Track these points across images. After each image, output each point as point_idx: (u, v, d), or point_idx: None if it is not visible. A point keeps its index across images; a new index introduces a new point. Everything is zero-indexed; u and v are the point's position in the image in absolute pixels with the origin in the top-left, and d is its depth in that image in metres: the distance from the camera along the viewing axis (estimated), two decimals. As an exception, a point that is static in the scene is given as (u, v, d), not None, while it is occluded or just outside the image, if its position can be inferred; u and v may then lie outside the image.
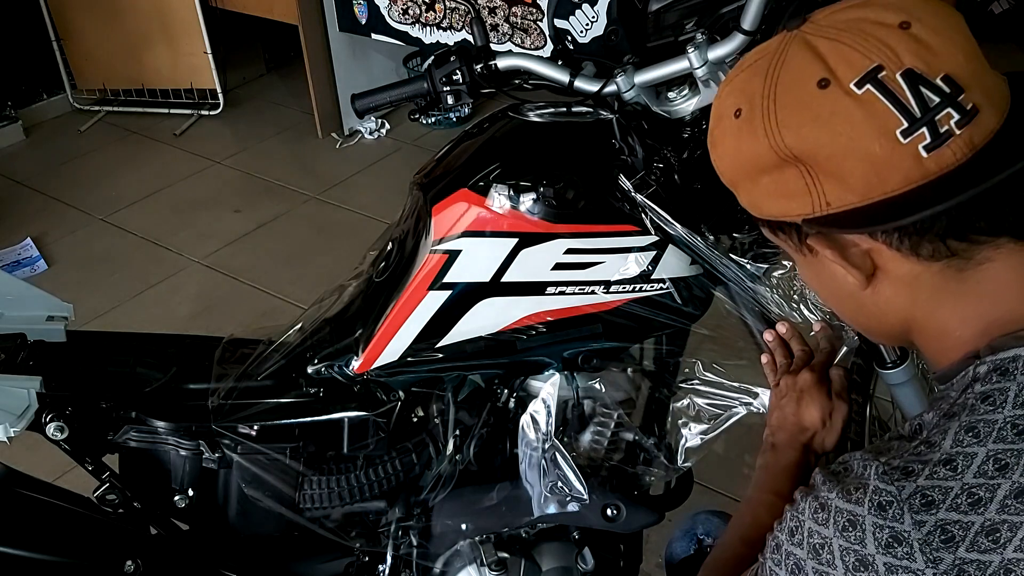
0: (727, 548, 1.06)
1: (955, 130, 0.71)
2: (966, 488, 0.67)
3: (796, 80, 0.75)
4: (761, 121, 0.76)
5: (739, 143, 0.79)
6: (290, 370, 1.36)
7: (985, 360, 0.73)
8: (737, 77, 0.81)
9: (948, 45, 0.73)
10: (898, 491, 0.69)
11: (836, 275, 0.80)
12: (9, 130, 4.04)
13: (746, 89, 0.78)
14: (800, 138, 0.74)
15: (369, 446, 1.35)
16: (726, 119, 0.81)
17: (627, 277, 1.20)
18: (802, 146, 0.74)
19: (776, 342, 1.21)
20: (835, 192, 0.74)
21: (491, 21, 3.27)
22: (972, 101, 0.71)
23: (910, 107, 0.71)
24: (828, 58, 0.73)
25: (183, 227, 3.44)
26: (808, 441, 1.11)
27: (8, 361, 1.26)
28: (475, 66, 1.24)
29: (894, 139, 0.71)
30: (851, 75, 0.72)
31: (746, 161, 0.80)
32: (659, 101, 1.23)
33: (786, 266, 1.20)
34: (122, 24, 4.02)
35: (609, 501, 1.32)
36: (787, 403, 1.13)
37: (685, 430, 1.29)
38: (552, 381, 1.31)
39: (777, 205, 0.79)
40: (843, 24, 0.75)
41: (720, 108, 0.82)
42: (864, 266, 0.78)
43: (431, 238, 1.22)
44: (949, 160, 0.71)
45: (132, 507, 1.33)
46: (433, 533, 1.39)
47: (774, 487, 1.07)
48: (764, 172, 0.78)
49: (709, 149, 0.86)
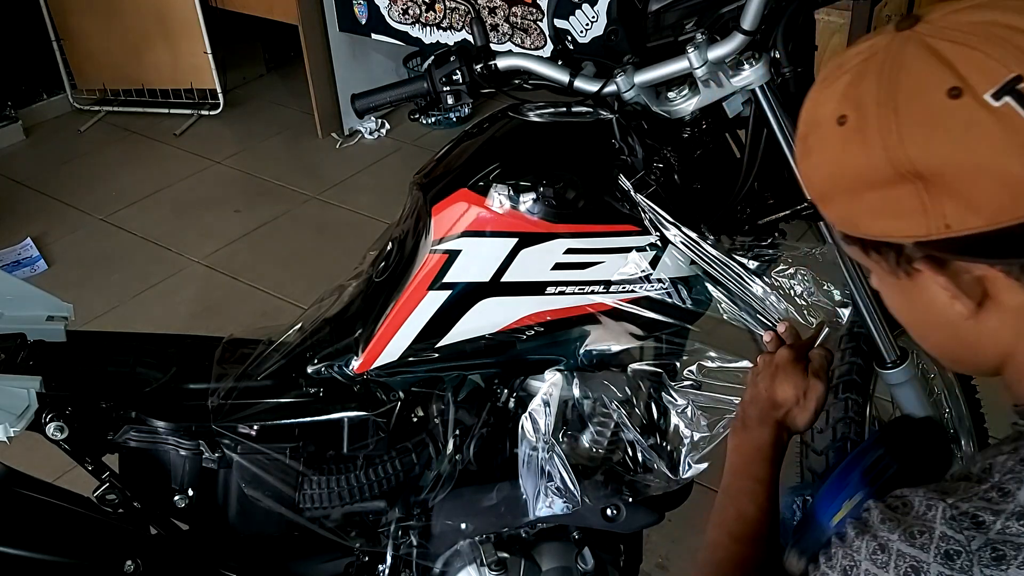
0: (719, 548, 1.02)
1: None
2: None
3: (921, 87, 0.67)
4: (877, 132, 0.68)
5: (843, 154, 0.72)
6: (290, 370, 1.36)
7: None
8: (839, 79, 0.73)
9: None
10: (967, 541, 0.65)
11: (935, 302, 0.73)
12: (9, 130, 4.04)
13: (853, 94, 0.71)
14: (928, 153, 0.67)
15: (369, 446, 1.35)
16: (825, 126, 0.73)
17: (627, 277, 1.20)
18: (929, 162, 0.67)
19: (775, 343, 1.21)
20: (957, 214, 0.67)
21: (491, 21, 3.27)
22: None
23: None
24: (957, 64, 0.66)
25: (183, 227, 3.44)
26: (781, 418, 1.07)
27: (8, 361, 1.26)
28: (475, 66, 1.24)
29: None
30: (986, 85, 0.65)
31: (850, 174, 0.72)
32: (659, 101, 1.24)
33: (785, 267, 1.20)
34: (122, 24, 4.02)
35: (609, 501, 1.32)
36: (761, 379, 1.10)
37: (685, 434, 1.28)
38: (552, 381, 1.31)
39: (881, 224, 0.72)
40: (969, 27, 0.68)
41: (816, 114, 0.75)
42: (974, 294, 0.71)
43: (431, 238, 1.22)
44: None
45: (132, 507, 1.33)
46: (433, 533, 1.39)
47: (751, 471, 1.04)
48: (871, 187, 0.70)
49: (798, 156, 0.79)
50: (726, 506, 1.04)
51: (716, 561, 1.01)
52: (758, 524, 1.01)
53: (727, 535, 1.02)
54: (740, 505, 1.02)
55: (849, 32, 2.75)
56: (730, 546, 1.01)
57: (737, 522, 1.02)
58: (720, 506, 1.05)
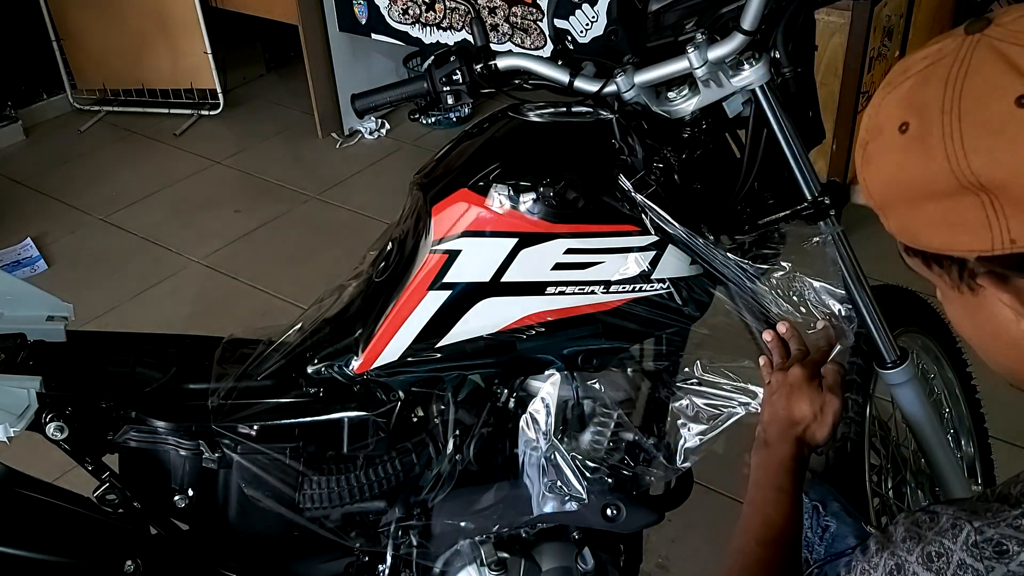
0: (746, 554, 1.04)
1: None
2: None
3: (987, 94, 0.64)
4: (940, 140, 0.66)
5: (904, 162, 0.69)
6: (290, 370, 1.36)
7: None
8: (902, 84, 0.70)
9: None
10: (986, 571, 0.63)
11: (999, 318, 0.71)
12: (9, 130, 4.04)
13: (916, 100, 0.68)
14: (993, 164, 0.64)
15: (369, 446, 1.35)
16: (887, 133, 0.70)
17: (627, 277, 1.20)
18: (993, 173, 0.64)
19: (775, 342, 1.21)
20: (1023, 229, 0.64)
21: (491, 21, 3.27)
22: None
23: None
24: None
25: (183, 227, 3.44)
26: (800, 435, 1.10)
27: (8, 361, 1.26)
28: (475, 66, 1.24)
29: None
30: None
31: (911, 184, 0.69)
32: (659, 101, 1.23)
33: (785, 267, 1.20)
34: (122, 24, 4.02)
35: (609, 501, 1.32)
36: (778, 398, 1.13)
37: (684, 430, 1.28)
38: (552, 381, 1.31)
39: (943, 237, 0.69)
40: None
41: (878, 120, 0.72)
42: None
43: (431, 238, 1.22)
44: None
45: (132, 507, 1.33)
46: (433, 533, 1.39)
47: (775, 483, 1.07)
48: (933, 198, 0.68)
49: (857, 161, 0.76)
50: (752, 515, 1.07)
51: (743, 566, 1.03)
52: (783, 530, 1.04)
53: (753, 540, 1.04)
54: (765, 513, 1.05)
55: (849, 32, 2.75)
56: (756, 550, 1.03)
57: (763, 528, 1.04)
58: (746, 515, 1.07)
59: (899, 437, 1.60)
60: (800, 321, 1.21)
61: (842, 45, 2.77)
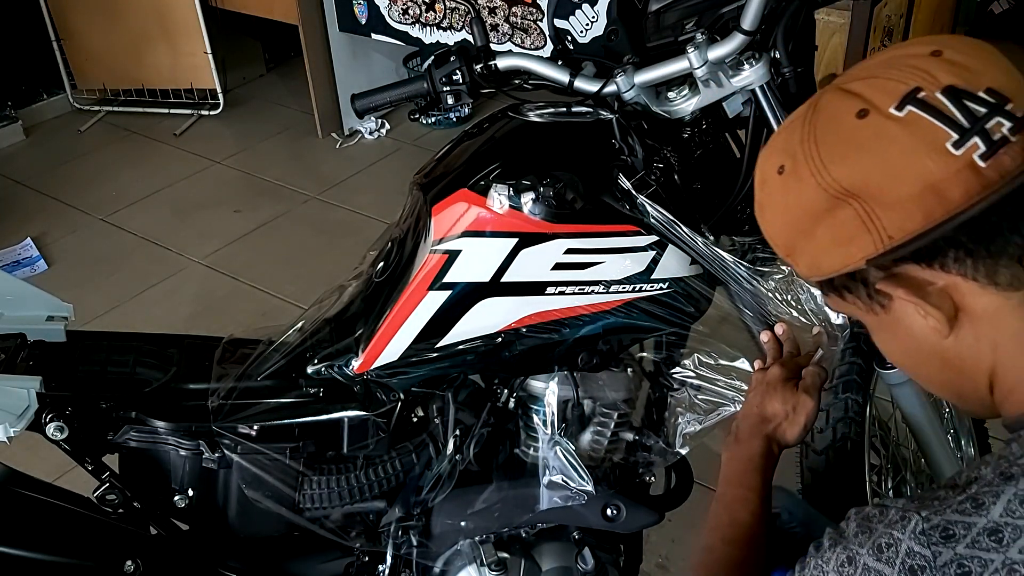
0: (712, 551, 1.06)
1: (1010, 137, 0.68)
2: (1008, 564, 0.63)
3: (834, 118, 0.74)
4: (806, 165, 0.74)
5: (786, 198, 0.77)
6: (290, 370, 1.36)
7: None
8: (775, 140, 0.81)
9: (984, 64, 0.71)
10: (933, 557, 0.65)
11: (914, 328, 0.75)
12: (9, 130, 4.04)
13: (786, 146, 0.77)
14: (848, 169, 0.72)
15: (369, 446, 1.35)
16: (770, 181, 0.79)
17: (627, 277, 1.20)
18: (851, 178, 0.71)
19: (771, 343, 1.22)
20: (895, 222, 0.70)
21: (491, 21, 3.27)
22: (1022, 109, 0.69)
23: (956, 119, 0.68)
24: (863, 93, 0.72)
25: (183, 227, 3.44)
26: (771, 432, 1.11)
27: (8, 361, 1.26)
28: (475, 66, 1.24)
29: (946, 152, 0.68)
30: (889, 101, 0.70)
31: (797, 214, 0.77)
32: (659, 101, 1.24)
33: (784, 270, 1.20)
34: (122, 24, 4.02)
35: (609, 501, 1.32)
36: (753, 395, 1.15)
37: (682, 418, 1.31)
38: (552, 381, 1.31)
39: (837, 255, 0.75)
40: (874, 66, 0.75)
41: (762, 173, 0.81)
42: (944, 306, 0.73)
43: (431, 238, 1.22)
44: (1009, 167, 0.67)
45: (132, 507, 1.33)
46: (433, 533, 1.39)
47: (743, 481, 1.08)
48: (817, 220, 0.75)
49: (758, 218, 0.84)
50: (720, 513, 1.08)
51: (710, 563, 1.05)
52: (750, 529, 1.05)
53: (720, 539, 1.05)
54: (733, 512, 1.06)
55: (849, 32, 2.75)
56: (723, 549, 1.04)
57: (731, 527, 1.05)
58: (714, 513, 1.09)
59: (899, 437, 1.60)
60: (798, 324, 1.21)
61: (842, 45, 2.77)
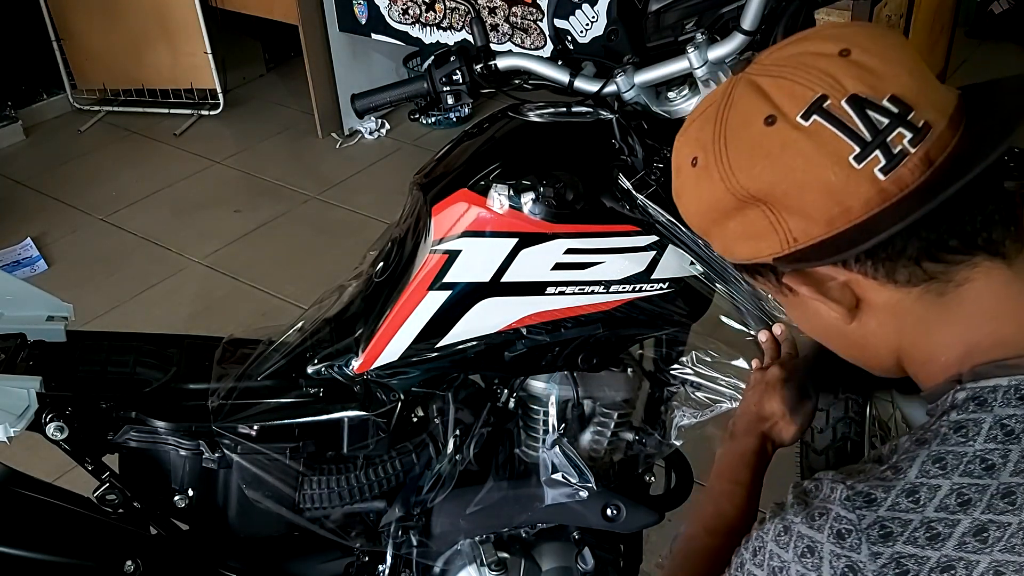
0: (693, 539, 1.07)
1: (909, 149, 0.70)
2: (926, 522, 0.67)
3: (743, 121, 0.75)
4: (716, 167, 0.76)
5: (699, 191, 0.79)
6: (290, 370, 1.36)
7: (965, 386, 0.72)
8: (690, 127, 0.81)
9: (891, 66, 0.72)
10: (858, 520, 0.68)
11: (820, 312, 0.79)
12: (9, 130, 4.04)
13: (700, 137, 0.79)
14: (754, 178, 0.74)
15: (369, 446, 1.35)
16: (684, 170, 0.81)
17: (627, 277, 1.20)
18: (758, 185, 0.74)
19: (770, 342, 1.22)
20: (800, 227, 0.73)
21: (491, 21, 3.27)
22: (923, 118, 0.70)
23: (859, 132, 0.70)
24: (772, 95, 0.73)
25: (183, 227, 3.44)
26: (767, 431, 1.12)
27: (8, 361, 1.26)
28: (475, 66, 1.23)
29: (848, 166, 0.70)
30: (796, 108, 0.72)
31: (709, 208, 0.80)
32: (659, 101, 1.23)
33: None
34: (122, 24, 4.02)
35: (609, 501, 1.32)
36: (752, 394, 1.16)
37: (678, 411, 1.32)
38: (552, 381, 1.31)
39: (747, 248, 0.79)
40: (784, 60, 0.75)
41: (678, 160, 0.83)
42: (845, 299, 0.77)
43: (431, 238, 1.22)
44: (908, 179, 0.70)
45: (132, 507, 1.33)
46: (433, 533, 1.39)
47: (732, 475, 1.09)
48: (728, 216, 0.78)
49: (676, 202, 0.86)
50: (705, 504, 1.10)
51: (690, 551, 1.07)
52: (733, 521, 1.06)
53: (703, 529, 1.07)
54: (719, 504, 1.08)
55: (849, 32, 2.74)
56: (704, 538, 1.06)
57: (714, 518, 1.07)
58: (700, 504, 1.11)
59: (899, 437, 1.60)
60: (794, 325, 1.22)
61: (842, 45, 2.76)
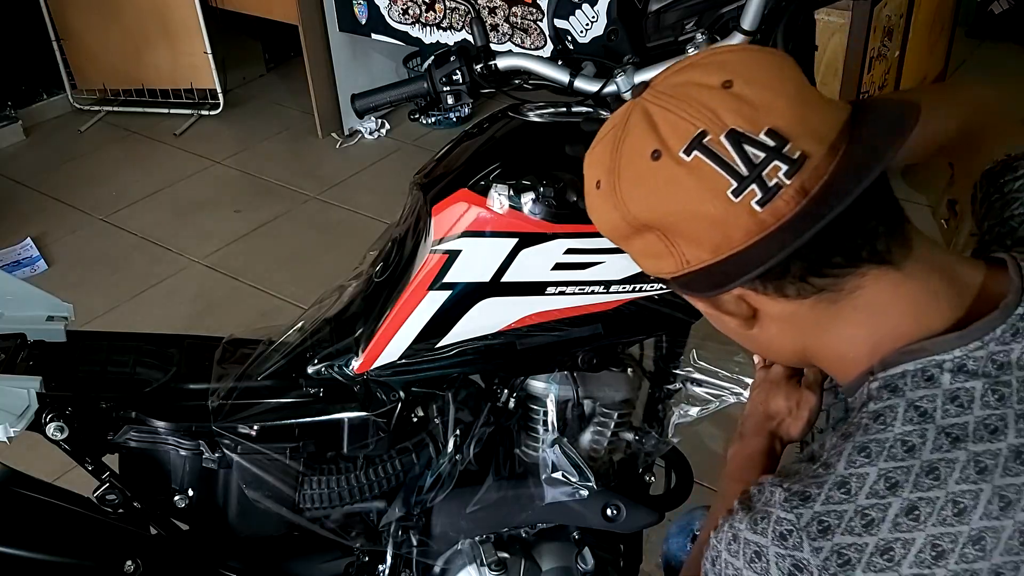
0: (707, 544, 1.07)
1: (784, 181, 0.72)
2: (859, 510, 0.69)
3: (634, 154, 0.78)
4: (612, 195, 0.80)
5: (605, 212, 0.83)
6: (290, 370, 1.36)
7: (877, 377, 0.75)
8: (596, 148, 0.84)
9: (771, 96, 0.74)
10: (797, 519, 0.71)
11: (724, 317, 0.83)
12: (9, 130, 4.04)
13: (602, 162, 0.82)
14: (645, 209, 0.78)
15: (369, 446, 1.35)
16: (592, 192, 0.84)
17: (627, 277, 1.20)
18: (648, 216, 0.78)
19: None
20: (691, 252, 0.77)
21: (491, 21, 3.27)
22: (799, 149, 0.72)
23: (736, 167, 0.72)
24: (660, 128, 0.76)
25: (183, 227, 3.44)
26: (774, 429, 1.13)
27: (8, 361, 1.26)
28: (475, 66, 1.23)
29: (726, 200, 0.73)
30: (679, 144, 0.74)
31: (614, 227, 0.83)
32: (659, 101, 1.23)
33: None
34: (122, 24, 4.02)
35: (609, 501, 1.32)
36: (757, 393, 1.16)
37: (677, 409, 1.33)
38: (552, 381, 1.31)
39: (651, 265, 0.84)
40: (672, 89, 0.77)
41: (587, 180, 0.85)
42: (740, 311, 0.81)
43: (431, 238, 1.22)
44: (784, 210, 0.72)
45: (132, 507, 1.33)
46: (433, 533, 1.39)
47: (743, 477, 1.09)
48: (631, 236, 0.82)
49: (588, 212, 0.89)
50: (720, 509, 1.09)
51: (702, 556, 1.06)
52: None
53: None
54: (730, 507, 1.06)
55: (849, 32, 2.75)
56: None
57: None
58: (715, 509, 1.11)
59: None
60: None
61: (842, 45, 2.77)
